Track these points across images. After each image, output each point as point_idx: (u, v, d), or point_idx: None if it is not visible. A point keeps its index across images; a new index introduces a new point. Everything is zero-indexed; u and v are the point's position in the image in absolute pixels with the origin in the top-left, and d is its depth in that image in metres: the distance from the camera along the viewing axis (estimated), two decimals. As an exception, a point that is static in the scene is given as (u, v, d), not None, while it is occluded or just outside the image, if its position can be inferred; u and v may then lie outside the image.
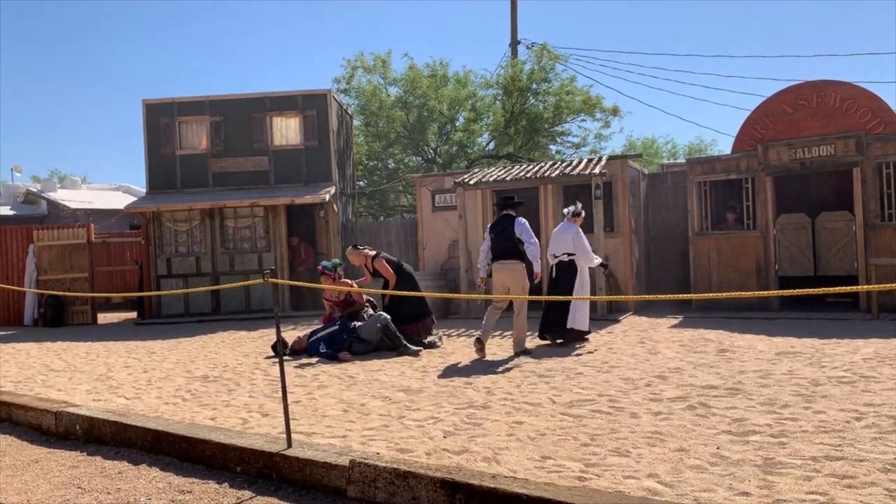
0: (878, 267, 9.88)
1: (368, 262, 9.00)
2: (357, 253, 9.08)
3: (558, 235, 8.46)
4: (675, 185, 12.93)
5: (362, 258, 9.03)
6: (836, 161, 10.45)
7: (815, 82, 11.40)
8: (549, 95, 21.37)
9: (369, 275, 9.09)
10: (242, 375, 7.26)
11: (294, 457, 4.07)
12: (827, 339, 7.73)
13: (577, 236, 8.25)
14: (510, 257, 7.71)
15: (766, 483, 3.36)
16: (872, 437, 3.97)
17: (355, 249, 9.13)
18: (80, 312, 14.88)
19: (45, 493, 4.16)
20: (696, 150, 38.18)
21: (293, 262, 14.50)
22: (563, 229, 8.42)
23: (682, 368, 6.39)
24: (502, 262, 7.74)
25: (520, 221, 7.76)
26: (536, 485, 3.35)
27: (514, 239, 7.68)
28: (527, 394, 5.61)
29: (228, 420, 5.21)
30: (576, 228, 8.30)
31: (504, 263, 7.74)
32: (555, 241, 8.48)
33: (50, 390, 6.86)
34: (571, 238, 8.25)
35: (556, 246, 8.41)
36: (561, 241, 8.35)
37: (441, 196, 13.08)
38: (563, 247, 8.30)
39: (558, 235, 8.46)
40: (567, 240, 8.28)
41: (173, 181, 14.95)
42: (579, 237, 8.25)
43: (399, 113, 21.16)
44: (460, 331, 10.17)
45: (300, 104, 14.81)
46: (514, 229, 7.69)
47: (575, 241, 8.23)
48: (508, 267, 7.72)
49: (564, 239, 8.32)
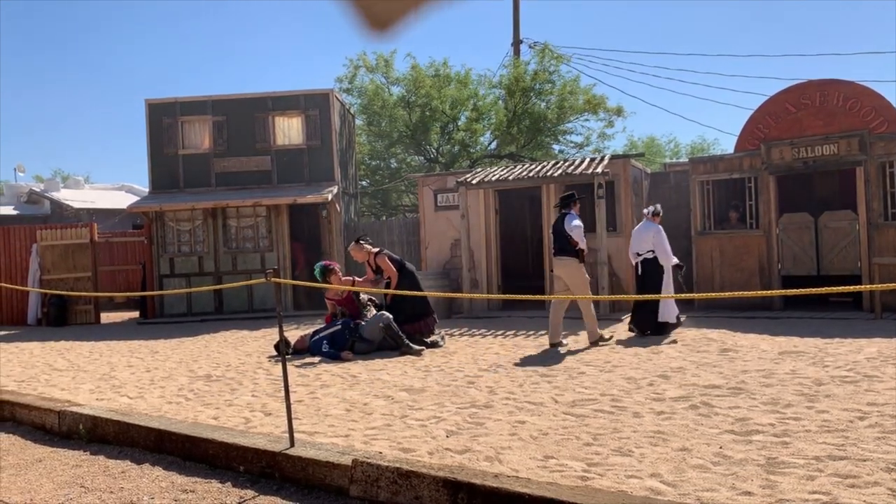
0: (882, 266, 9.85)
1: (371, 258, 8.96)
2: (359, 248, 8.98)
3: (639, 234, 8.85)
4: (678, 185, 12.91)
5: (364, 254, 8.96)
6: (840, 160, 10.43)
7: (818, 81, 11.38)
8: (551, 95, 21.37)
9: (371, 272, 9.04)
10: (245, 375, 7.27)
11: (297, 456, 4.07)
12: (830, 339, 7.71)
13: (658, 235, 8.65)
14: (564, 254, 8.11)
15: (768, 483, 3.35)
16: (876, 437, 3.96)
17: (357, 244, 9.04)
18: (83, 312, 14.91)
19: (49, 492, 4.16)
20: (699, 150, 38.11)
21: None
22: (644, 228, 8.81)
23: (685, 368, 6.38)
24: (558, 259, 8.21)
25: (569, 217, 8.13)
26: (539, 484, 3.35)
27: (566, 235, 8.06)
28: (529, 393, 5.61)
29: (231, 419, 5.22)
30: (656, 227, 8.69)
31: (560, 260, 8.17)
32: (636, 239, 8.88)
33: (53, 390, 6.88)
34: (652, 237, 8.65)
35: (637, 244, 8.81)
36: (642, 240, 8.76)
37: (443, 196, 13.08)
38: (645, 245, 8.70)
39: (639, 234, 8.85)
40: (647, 238, 8.68)
41: (176, 181, 14.96)
42: (659, 236, 8.64)
43: (401, 112, 21.16)
44: (462, 330, 10.17)
45: (303, 104, 14.82)
46: (564, 225, 8.08)
47: (655, 240, 8.62)
48: (563, 263, 8.13)
49: (645, 238, 8.72)
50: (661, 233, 8.67)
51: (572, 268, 8.07)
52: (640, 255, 8.77)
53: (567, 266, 8.10)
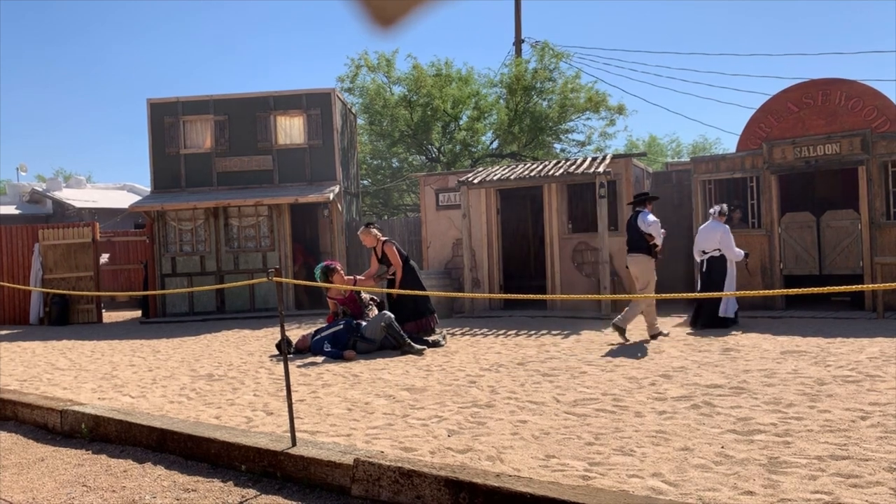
0: (884, 266, 9.84)
1: (378, 245, 8.98)
2: (368, 233, 9.04)
3: (706, 233, 9.25)
4: (680, 184, 12.90)
5: (373, 240, 9.01)
6: (842, 159, 10.41)
7: (820, 80, 11.36)
8: (553, 94, 21.36)
9: (376, 260, 9.04)
10: (247, 374, 7.28)
11: (298, 455, 4.07)
12: (832, 338, 7.71)
13: (725, 234, 9.09)
14: (637, 250, 8.46)
15: (770, 482, 3.35)
16: (878, 437, 3.95)
17: (367, 229, 9.09)
18: (85, 311, 14.93)
19: (51, 491, 4.17)
20: (701, 149, 38.09)
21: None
22: (712, 227, 9.21)
23: (687, 367, 6.38)
24: (631, 255, 8.55)
25: (643, 215, 8.40)
26: (540, 483, 3.34)
27: (640, 232, 8.36)
28: (531, 392, 5.61)
29: (233, 419, 5.22)
30: (724, 227, 9.14)
31: (632, 256, 8.51)
32: (702, 238, 9.29)
33: (55, 389, 6.88)
34: (719, 236, 9.08)
35: (704, 243, 9.24)
36: (709, 239, 9.17)
37: (445, 195, 13.08)
38: (711, 243, 9.14)
39: (706, 233, 9.25)
40: (715, 237, 9.11)
41: (178, 180, 14.98)
42: (727, 235, 9.09)
43: (403, 112, 21.16)
44: (464, 329, 10.17)
45: (304, 103, 14.82)
46: (639, 223, 8.36)
47: (722, 239, 9.07)
48: (636, 259, 8.49)
49: (712, 237, 9.14)
50: (729, 232, 9.13)
51: (643, 263, 8.43)
52: (706, 253, 9.18)
53: (639, 262, 8.44)
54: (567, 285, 11.70)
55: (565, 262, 11.86)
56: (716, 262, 9.11)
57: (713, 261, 9.13)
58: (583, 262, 11.74)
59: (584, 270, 11.71)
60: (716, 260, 9.11)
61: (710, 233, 9.18)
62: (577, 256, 11.79)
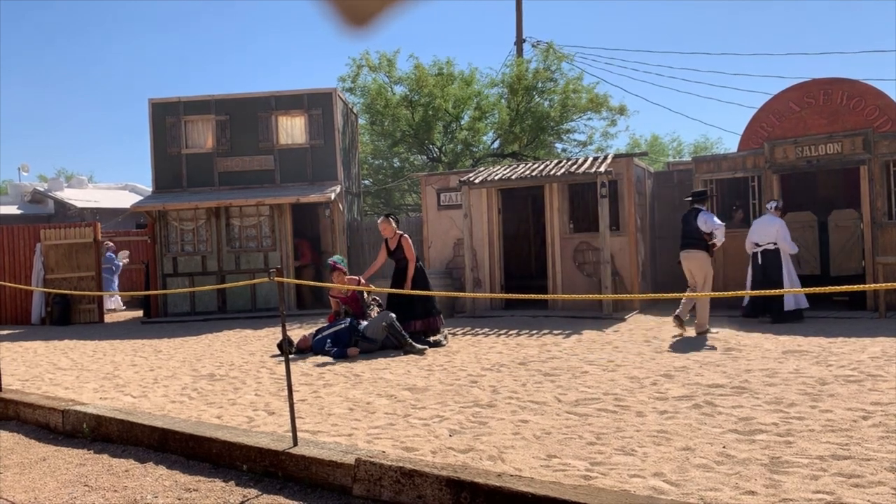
0: (886, 265, 9.83)
1: (395, 237, 9.00)
2: (388, 223, 9.07)
3: (762, 227, 9.61)
4: (681, 184, 12.89)
5: (391, 230, 9.05)
6: (844, 159, 10.40)
7: (822, 80, 11.35)
8: (554, 94, 21.35)
9: (385, 252, 9.03)
10: (248, 374, 7.28)
11: (300, 455, 4.07)
12: (833, 338, 7.70)
13: (782, 228, 9.47)
14: (692, 247, 8.71)
15: (772, 482, 3.34)
16: (880, 436, 3.95)
17: (387, 219, 9.13)
18: (86, 311, 14.94)
19: (53, 491, 4.17)
20: (702, 149, 38.06)
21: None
22: (768, 222, 9.57)
23: (688, 367, 6.37)
24: (686, 252, 8.78)
25: (703, 214, 8.66)
26: (542, 483, 3.34)
27: (697, 229, 8.62)
28: (532, 392, 5.61)
29: (234, 418, 5.23)
30: (780, 221, 9.53)
31: (688, 252, 8.75)
32: (758, 232, 9.63)
33: (57, 389, 6.89)
34: (776, 230, 9.45)
35: (759, 236, 9.60)
36: (765, 233, 9.54)
37: (446, 195, 13.08)
38: (767, 237, 9.51)
39: (762, 227, 9.61)
40: (772, 232, 9.48)
41: (179, 180, 14.98)
42: (784, 229, 9.47)
43: (404, 111, 21.15)
44: (465, 329, 10.17)
45: (306, 103, 14.82)
46: (698, 221, 8.63)
47: (779, 233, 9.45)
48: (691, 255, 8.73)
49: (769, 231, 9.52)
50: (785, 226, 9.50)
51: (701, 260, 8.67)
52: (759, 246, 9.56)
53: (696, 258, 8.68)
54: (568, 285, 11.69)
55: (566, 261, 11.85)
56: (770, 255, 9.46)
57: (768, 254, 9.47)
58: (584, 262, 11.74)
59: (585, 270, 11.70)
60: (770, 253, 9.46)
61: (767, 227, 9.51)
62: (578, 256, 11.78)
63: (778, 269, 9.43)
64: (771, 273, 9.42)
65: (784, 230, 9.46)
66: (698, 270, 8.70)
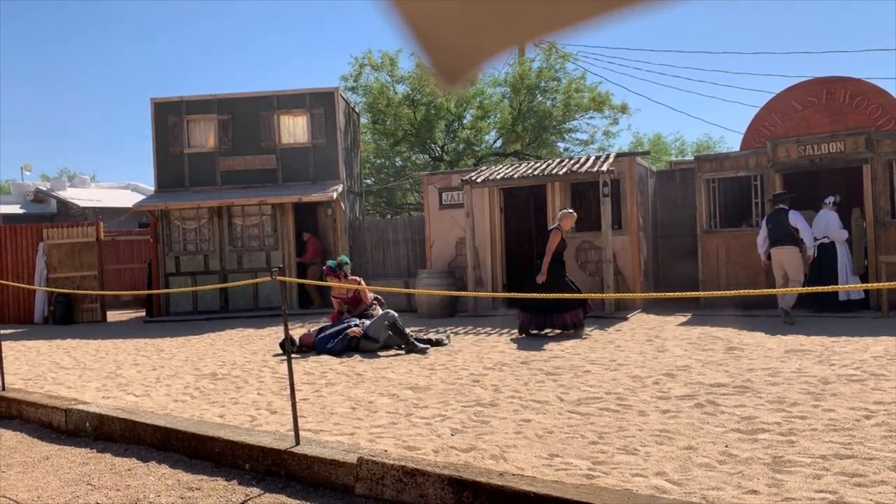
0: (888, 265, 9.81)
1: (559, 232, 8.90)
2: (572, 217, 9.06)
3: (819, 222, 9.96)
4: (684, 183, 12.87)
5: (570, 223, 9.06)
6: (846, 158, 10.38)
7: (825, 79, 11.33)
8: (557, 93, 21.34)
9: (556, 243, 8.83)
10: (250, 373, 7.29)
11: (302, 454, 4.07)
12: (836, 337, 7.69)
13: (834, 220, 9.88)
14: (786, 243, 9.32)
15: (774, 481, 3.34)
16: (882, 436, 3.94)
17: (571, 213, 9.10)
18: (89, 310, 14.97)
19: (55, 490, 4.18)
20: (705, 148, 37.99)
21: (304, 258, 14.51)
22: (823, 216, 9.95)
23: (691, 366, 6.37)
24: (780, 247, 9.35)
25: (794, 213, 9.29)
26: (544, 482, 3.34)
27: (790, 227, 9.27)
28: (534, 392, 5.60)
29: (237, 418, 5.23)
30: (833, 214, 9.91)
31: (782, 248, 9.35)
32: (817, 226, 9.92)
33: (60, 388, 6.90)
34: (826, 223, 9.87)
35: (818, 231, 9.89)
36: (825, 227, 9.90)
37: (448, 194, 13.07)
38: (824, 231, 9.88)
39: (819, 222, 9.96)
40: (823, 225, 9.89)
41: (181, 179, 15.00)
42: (835, 222, 9.89)
43: (406, 111, 21.16)
44: (467, 328, 10.17)
45: (308, 102, 14.83)
46: (789, 220, 9.26)
47: (829, 225, 9.87)
48: (785, 250, 9.33)
49: (824, 225, 9.90)
50: (837, 219, 9.90)
51: (795, 254, 9.30)
52: (817, 240, 9.80)
53: (791, 253, 9.31)
54: (570, 284, 11.66)
55: (569, 260, 11.81)
56: (825, 250, 9.81)
57: (822, 248, 9.80)
58: (586, 261, 11.73)
59: (587, 269, 11.70)
60: (825, 248, 9.82)
61: (822, 221, 9.90)
62: (580, 255, 11.77)
63: (833, 261, 9.83)
64: (826, 266, 9.81)
65: (835, 222, 9.88)
66: (791, 264, 9.30)
